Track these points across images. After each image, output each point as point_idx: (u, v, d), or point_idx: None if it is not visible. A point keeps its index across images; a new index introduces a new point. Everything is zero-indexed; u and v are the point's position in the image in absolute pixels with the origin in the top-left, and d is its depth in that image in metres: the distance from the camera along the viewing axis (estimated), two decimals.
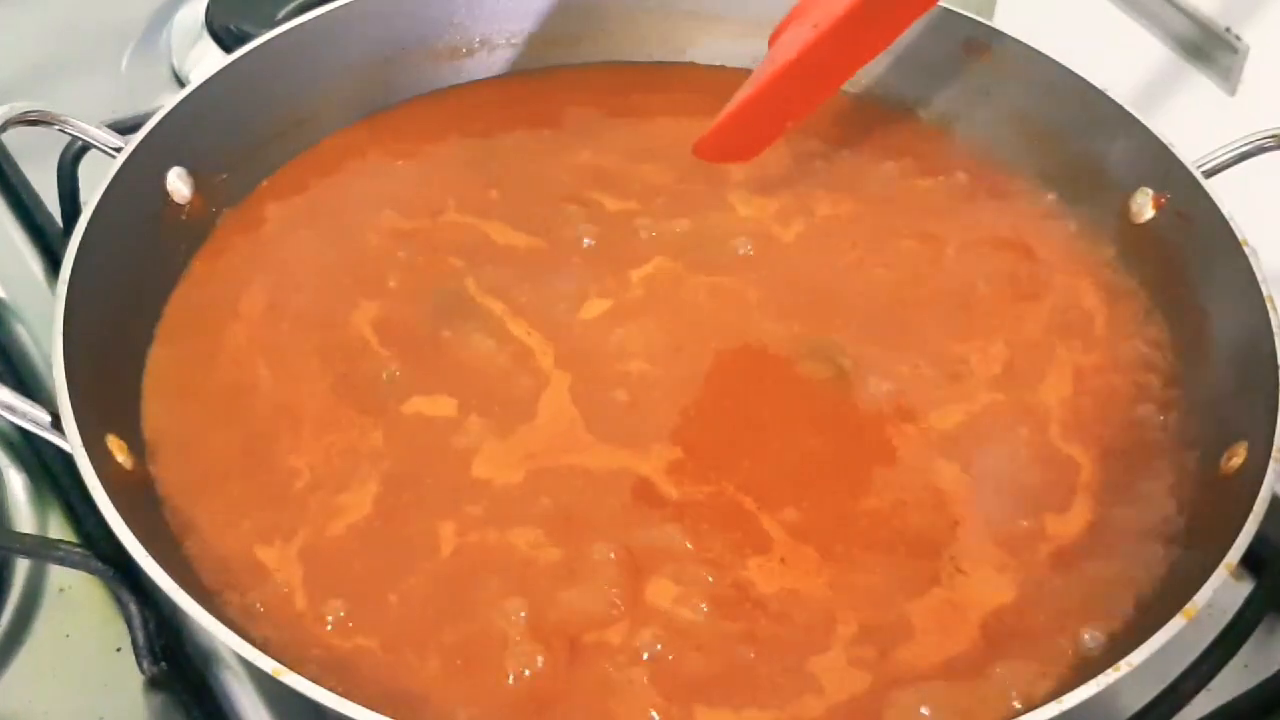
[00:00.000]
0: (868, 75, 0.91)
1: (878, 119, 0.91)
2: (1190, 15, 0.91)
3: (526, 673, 0.62)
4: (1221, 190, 0.75)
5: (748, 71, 0.93)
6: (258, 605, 0.64)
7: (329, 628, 0.63)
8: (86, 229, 0.71)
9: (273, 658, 0.57)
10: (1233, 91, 0.89)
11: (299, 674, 0.56)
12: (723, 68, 0.94)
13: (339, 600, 0.64)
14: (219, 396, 0.73)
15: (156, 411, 0.71)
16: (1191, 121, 0.79)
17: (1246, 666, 0.69)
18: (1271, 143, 0.75)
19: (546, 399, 0.73)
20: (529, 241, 0.81)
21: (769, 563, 0.66)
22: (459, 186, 0.84)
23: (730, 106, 0.80)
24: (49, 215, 0.88)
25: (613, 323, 0.77)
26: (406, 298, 0.78)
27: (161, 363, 0.74)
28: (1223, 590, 0.59)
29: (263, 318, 0.76)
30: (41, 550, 0.71)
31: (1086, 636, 0.63)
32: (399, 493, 0.68)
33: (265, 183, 0.84)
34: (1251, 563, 0.70)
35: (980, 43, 0.87)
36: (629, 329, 0.76)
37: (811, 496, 0.69)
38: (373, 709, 0.55)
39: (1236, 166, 0.76)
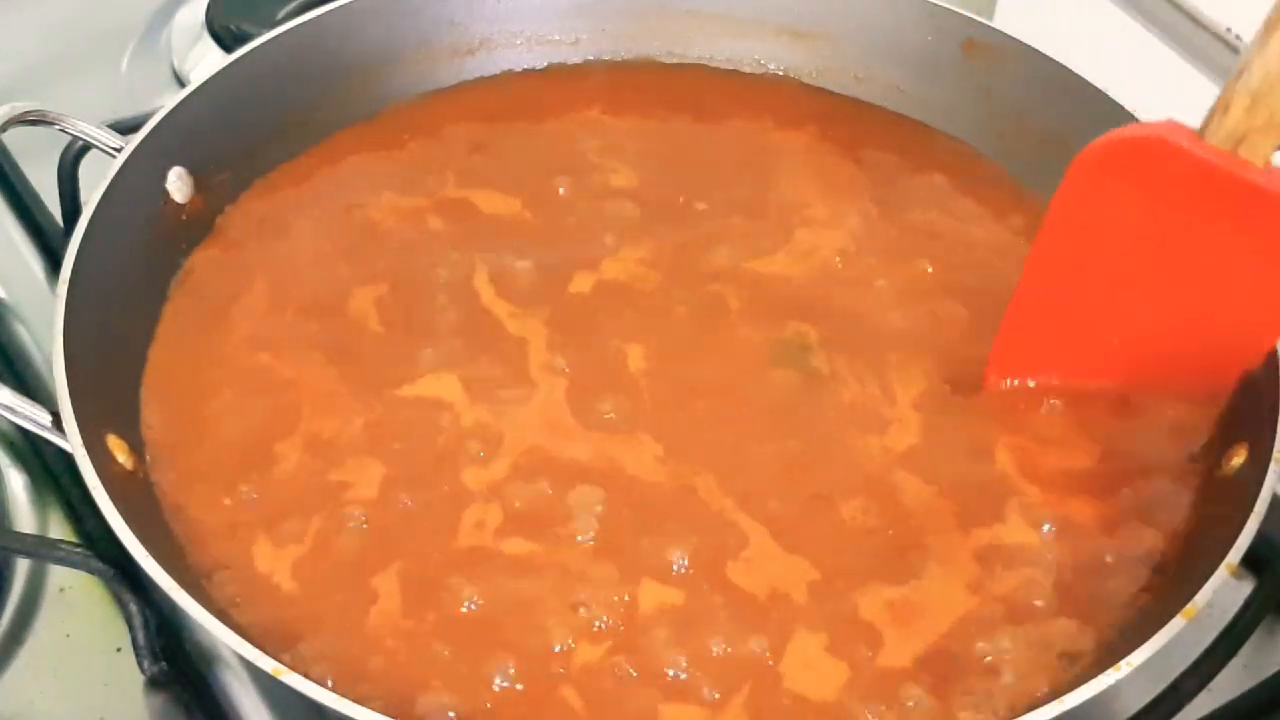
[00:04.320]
0: (867, 74, 0.91)
1: (877, 119, 0.91)
2: (1190, 15, 0.91)
3: (511, 670, 0.62)
4: None
5: (748, 70, 0.93)
6: (258, 603, 0.64)
7: (330, 624, 0.63)
8: (86, 229, 0.71)
9: (273, 657, 0.57)
10: None
11: (299, 673, 0.56)
12: (721, 67, 0.94)
13: (340, 596, 0.64)
14: (220, 396, 0.73)
15: (156, 411, 0.72)
16: (1191, 121, 0.79)
17: (1246, 666, 0.69)
18: None
19: (537, 384, 0.74)
20: (526, 230, 0.82)
21: (743, 559, 0.67)
22: (459, 179, 0.85)
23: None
24: (49, 215, 0.88)
25: (608, 311, 0.77)
26: (406, 286, 0.78)
27: (161, 362, 0.74)
28: (1223, 590, 0.59)
29: (263, 315, 0.77)
30: (41, 550, 0.71)
31: (1083, 636, 0.64)
32: (400, 486, 0.69)
33: (265, 182, 0.84)
34: (1251, 563, 0.70)
35: (980, 42, 0.87)
36: (622, 319, 0.77)
37: (785, 497, 0.69)
38: (373, 709, 0.55)
39: None
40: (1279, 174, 0.62)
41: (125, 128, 0.78)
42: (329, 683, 0.60)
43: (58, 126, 0.76)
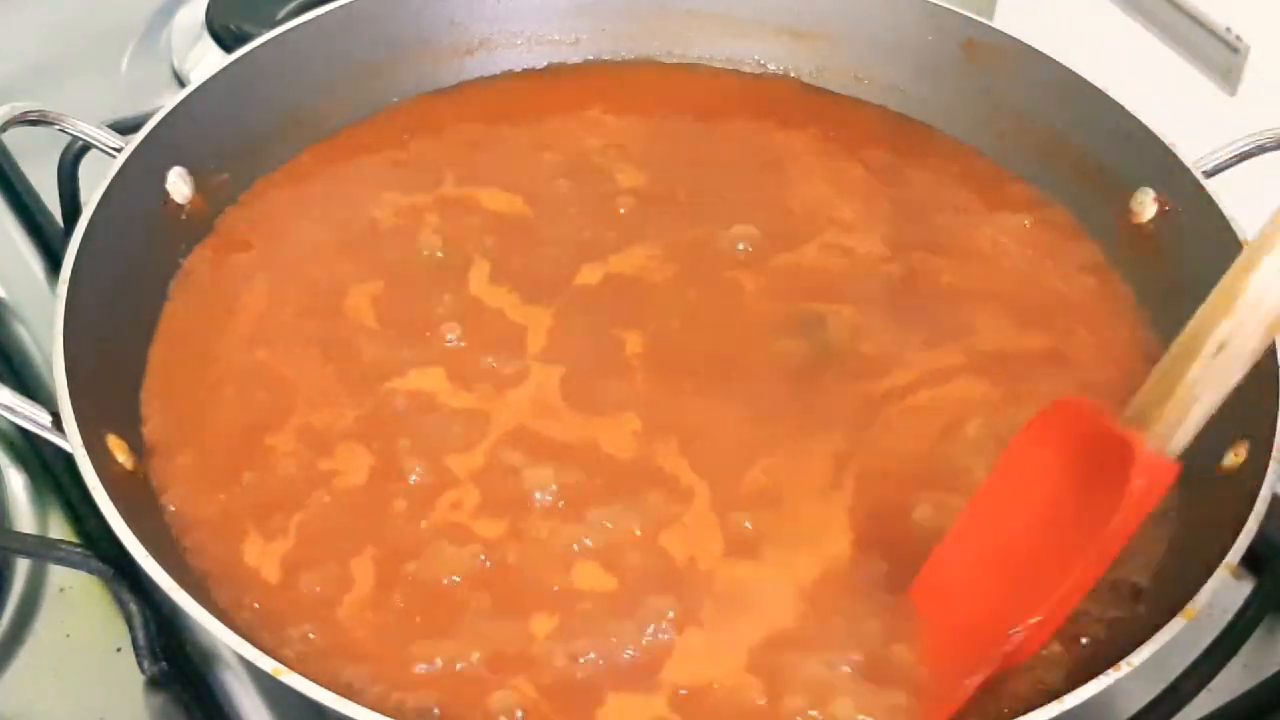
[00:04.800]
0: (867, 74, 0.91)
1: (877, 119, 0.91)
2: (1190, 15, 0.91)
3: (473, 656, 0.63)
4: (1221, 190, 0.75)
5: (748, 70, 0.93)
6: (257, 603, 0.64)
7: (329, 623, 0.63)
8: (86, 229, 0.71)
9: (272, 656, 0.57)
10: (1233, 91, 0.89)
11: (299, 673, 0.56)
12: (722, 67, 0.94)
13: (339, 595, 0.65)
14: (219, 394, 0.73)
15: (156, 410, 0.72)
16: (1191, 121, 0.79)
17: (1246, 666, 0.69)
18: (1271, 143, 0.75)
19: (531, 372, 0.74)
20: (528, 225, 0.82)
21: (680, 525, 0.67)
22: (460, 178, 0.85)
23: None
24: (49, 215, 0.88)
25: (615, 300, 0.78)
26: (404, 281, 0.78)
27: (161, 362, 0.74)
28: (1223, 590, 0.59)
29: (262, 314, 0.77)
30: (41, 550, 0.71)
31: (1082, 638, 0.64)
32: (398, 480, 0.69)
33: (265, 182, 0.84)
34: (1251, 563, 0.70)
35: (980, 42, 0.87)
36: (629, 307, 0.77)
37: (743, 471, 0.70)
38: (372, 708, 0.55)
39: (1236, 166, 0.76)
40: (1149, 450, 0.58)
41: (125, 128, 0.78)
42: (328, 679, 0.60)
43: (58, 126, 0.76)
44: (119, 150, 0.76)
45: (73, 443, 0.63)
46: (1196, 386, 0.57)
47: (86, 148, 0.80)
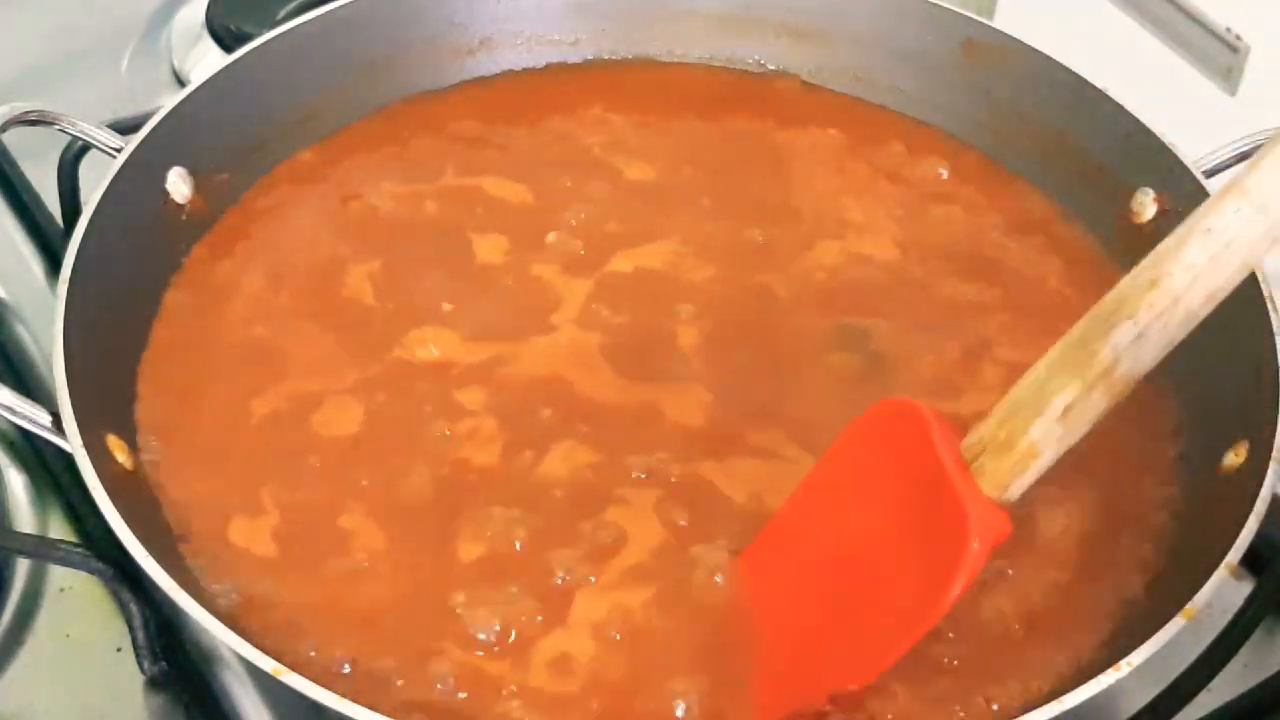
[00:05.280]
0: (867, 74, 0.91)
1: (877, 119, 0.90)
2: (1190, 15, 0.91)
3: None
4: None
5: (748, 70, 0.93)
6: (258, 602, 0.64)
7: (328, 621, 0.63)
8: (86, 229, 0.71)
9: (272, 656, 0.57)
10: (1233, 91, 0.89)
11: (299, 674, 0.56)
12: (722, 67, 0.94)
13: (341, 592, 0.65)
14: (219, 393, 0.73)
15: (156, 409, 0.72)
16: (1191, 121, 0.79)
17: (1246, 666, 0.69)
18: None
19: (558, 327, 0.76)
20: (535, 215, 0.82)
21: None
22: (462, 171, 0.85)
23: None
24: (49, 215, 0.88)
25: (650, 286, 0.78)
26: (405, 259, 0.79)
27: (161, 361, 0.74)
28: (1223, 590, 0.59)
29: (262, 315, 0.77)
30: (41, 550, 0.71)
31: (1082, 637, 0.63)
32: (400, 476, 0.69)
33: (265, 180, 0.84)
34: (1251, 563, 0.69)
35: (980, 42, 0.87)
36: (666, 295, 0.78)
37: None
38: (374, 710, 0.55)
39: (1236, 166, 0.76)
40: (986, 502, 0.56)
41: (125, 128, 0.78)
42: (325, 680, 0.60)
43: (58, 126, 0.76)
44: (119, 150, 0.76)
45: (73, 443, 0.63)
46: (1039, 445, 0.55)
47: (86, 148, 0.80)
